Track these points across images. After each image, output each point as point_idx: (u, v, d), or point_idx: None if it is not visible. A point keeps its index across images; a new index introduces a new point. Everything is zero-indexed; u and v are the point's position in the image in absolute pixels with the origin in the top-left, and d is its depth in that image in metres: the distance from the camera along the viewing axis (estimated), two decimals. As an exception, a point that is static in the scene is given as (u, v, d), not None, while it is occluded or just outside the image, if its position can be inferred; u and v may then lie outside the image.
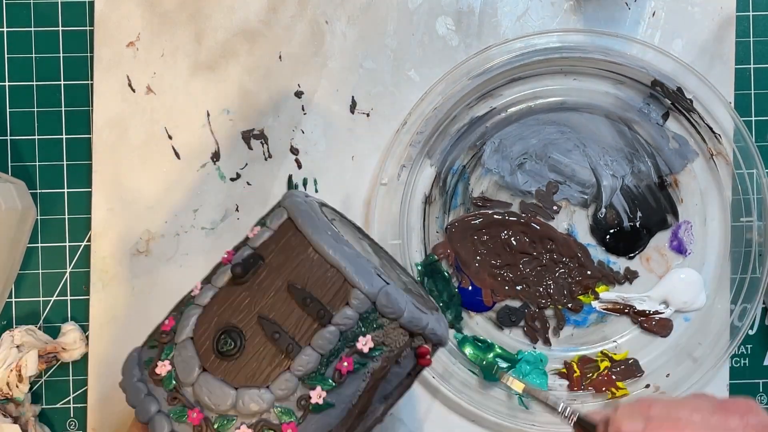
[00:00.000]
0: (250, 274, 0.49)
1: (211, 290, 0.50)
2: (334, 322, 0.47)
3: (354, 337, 0.47)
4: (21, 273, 0.66)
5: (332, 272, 0.48)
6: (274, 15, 0.66)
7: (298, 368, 0.46)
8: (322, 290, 0.48)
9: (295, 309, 0.48)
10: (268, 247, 0.50)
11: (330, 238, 0.49)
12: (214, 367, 0.47)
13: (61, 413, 0.66)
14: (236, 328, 0.48)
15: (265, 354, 0.47)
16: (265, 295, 0.48)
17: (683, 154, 0.66)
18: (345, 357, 0.47)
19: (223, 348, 0.47)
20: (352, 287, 0.47)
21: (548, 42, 0.65)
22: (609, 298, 0.66)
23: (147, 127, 0.65)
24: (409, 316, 0.48)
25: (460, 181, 0.66)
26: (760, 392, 0.67)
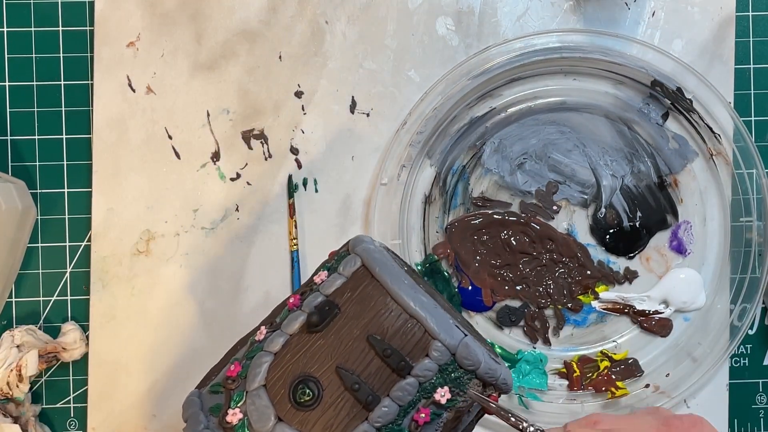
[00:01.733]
0: (325, 323, 0.48)
1: (282, 336, 0.49)
2: (413, 374, 0.47)
3: (432, 389, 0.47)
4: (21, 273, 0.66)
5: (412, 323, 0.47)
6: (274, 15, 0.66)
7: (377, 420, 0.46)
8: (401, 341, 0.47)
9: (373, 360, 0.47)
10: (342, 294, 0.49)
11: (408, 288, 0.48)
12: (289, 417, 0.47)
13: (61, 413, 0.66)
14: (313, 378, 0.47)
15: (343, 405, 0.47)
16: (342, 345, 0.48)
17: (683, 154, 0.66)
18: (422, 408, 0.47)
19: (300, 399, 0.47)
20: (433, 339, 0.47)
21: (548, 42, 0.65)
22: (609, 298, 0.66)
23: (147, 127, 0.65)
24: (485, 367, 0.48)
25: (460, 181, 0.66)
26: (760, 392, 0.67)
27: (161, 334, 0.65)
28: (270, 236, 0.65)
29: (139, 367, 0.65)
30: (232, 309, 0.65)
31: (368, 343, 0.47)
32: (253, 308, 0.65)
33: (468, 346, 0.47)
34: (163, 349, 0.65)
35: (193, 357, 0.65)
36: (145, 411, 0.65)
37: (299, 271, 0.65)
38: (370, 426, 0.46)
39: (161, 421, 0.65)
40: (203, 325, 0.65)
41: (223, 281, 0.65)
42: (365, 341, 0.47)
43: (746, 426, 0.67)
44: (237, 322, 0.65)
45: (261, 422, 0.46)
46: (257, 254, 0.65)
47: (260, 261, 0.65)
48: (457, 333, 0.47)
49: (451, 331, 0.47)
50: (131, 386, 0.65)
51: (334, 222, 0.66)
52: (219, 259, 0.65)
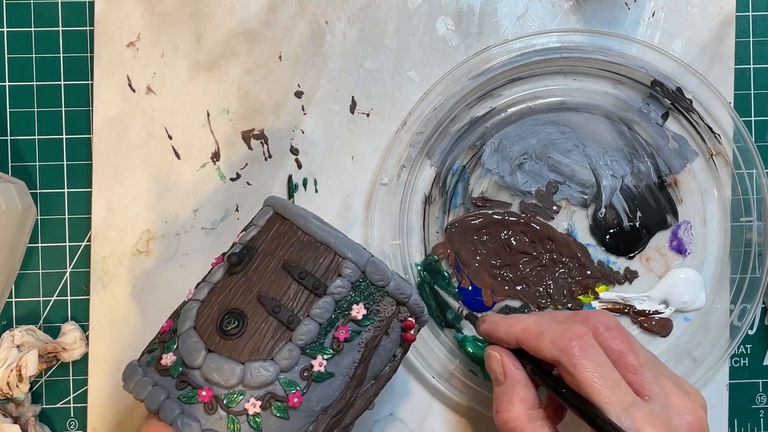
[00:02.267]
0: (244, 263, 0.52)
1: (207, 286, 0.53)
2: (329, 292, 0.50)
3: (348, 306, 0.51)
4: (21, 273, 0.66)
5: (323, 249, 0.51)
6: (274, 15, 0.66)
7: (300, 338, 0.49)
8: (314, 266, 0.51)
9: (291, 285, 0.50)
10: (258, 239, 0.53)
11: (316, 222, 0.53)
12: (219, 347, 0.49)
13: (61, 413, 0.66)
14: (237, 310, 0.50)
15: (267, 329, 0.49)
16: (261, 278, 0.51)
17: (683, 154, 0.66)
18: (341, 326, 0.50)
19: (226, 328, 0.50)
20: (343, 259, 0.51)
21: (548, 42, 0.65)
22: (609, 298, 0.66)
23: (147, 127, 0.65)
24: (395, 284, 0.52)
25: (460, 181, 0.66)
26: (760, 392, 0.68)
27: (161, 334, 0.65)
28: (270, 236, 0.65)
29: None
30: (232, 309, 0.65)
31: (284, 271, 0.51)
32: (253, 308, 0.65)
33: (375, 263, 0.51)
34: (163, 349, 0.65)
35: (193, 357, 0.65)
36: (145, 411, 0.65)
37: (299, 271, 0.65)
38: (293, 345, 0.49)
39: (161, 421, 0.65)
40: (203, 325, 0.65)
41: (223, 281, 0.65)
42: (282, 270, 0.51)
43: (746, 426, 0.67)
44: (237, 322, 0.65)
45: (192, 356, 0.49)
46: (257, 254, 0.65)
47: (260, 261, 0.65)
48: (364, 252, 0.52)
49: (359, 251, 0.52)
50: (131, 386, 0.65)
51: (334, 222, 0.66)
52: (219, 259, 0.65)
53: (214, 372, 0.48)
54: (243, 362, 0.48)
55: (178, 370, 0.50)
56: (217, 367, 0.48)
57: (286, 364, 0.49)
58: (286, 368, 0.49)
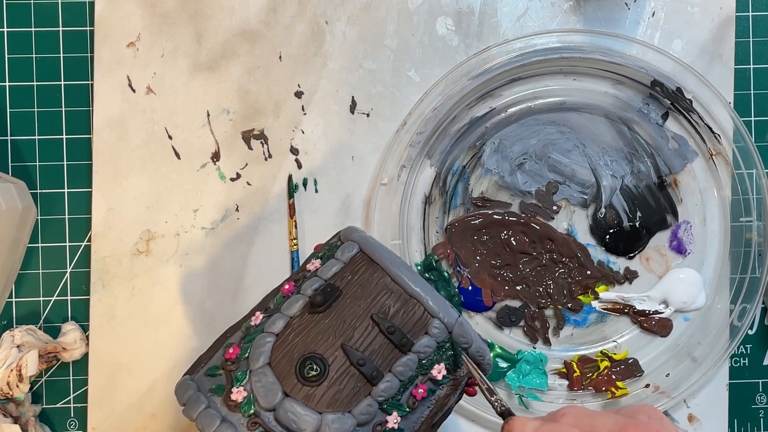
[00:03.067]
0: (328, 303, 0.50)
1: (283, 319, 0.51)
2: (414, 350, 0.49)
3: (430, 365, 0.50)
4: (21, 273, 0.66)
5: (412, 303, 0.50)
6: (274, 15, 0.66)
7: (381, 395, 0.48)
8: (402, 320, 0.50)
9: (377, 337, 0.49)
10: (341, 278, 0.51)
11: (407, 270, 0.51)
12: (296, 392, 0.48)
13: (61, 413, 0.66)
14: (319, 355, 0.48)
15: (348, 380, 0.48)
16: (346, 324, 0.49)
17: (683, 154, 0.66)
18: (420, 384, 0.49)
19: (308, 374, 0.48)
20: (432, 317, 0.50)
21: (548, 42, 0.65)
22: (609, 298, 0.66)
23: (147, 127, 0.65)
24: (476, 346, 0.51)
25: (460, 181, 0.66)
26: (760, 392, 0.68)
27: (161, 334, 0.65)
28: (270, 236, 0.65)
29: (139, 367, 0.65)
30: (232, 309, 0.65)
31: (372, 321, 0.49)
32: (253, 308, 0.65)
33: (463, 325, 0.50)
34: (163, 349, 0.65)
35: (193, 357, 0.65)
36: (145, 411, 0.65)
37: (299, 271, 0.65)
38: (373, 400, 0.48)
39: (161, 421, 0.65)
40: (203, 325, 0.65)
41: (223, 281, 0.65)
42: (369, 319, 0.49)
43: (746, 426, 0.67)
44: (237, 322, 0.65)
45: (268, 397, 0.48)
46: (257, 254, 0.65)
47: (260, 261, 0.65)
48: (453, 312, 0.50)
49: (448, 311, 0.50)
50: (131, 386, 0.65)
51: (334, 222, 0.66)
52: (219, 259, 0.65)
53: (291, 419, 0.47)
54: (320, 412, 0.47)
55: (250, 409, 0.48)
56: (294, 413, 0.47)
57: (362, 419, 0.48)
58: (362, 422, 0.48)
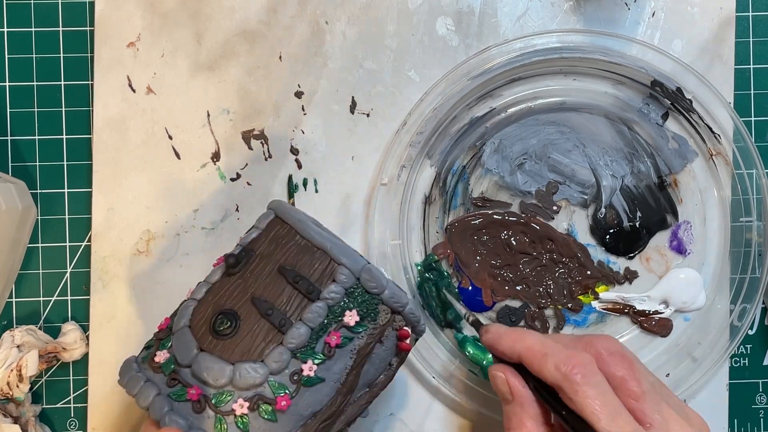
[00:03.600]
0: (242, 264, 0.52)
1: (205, 286, 0.53)
2: (322, 297, 0.50)
3: (341, 312, 0.50)
4: (21, 273, 0.66)
5: (319, 254, 0.51)
6: (274, 15, 0.66)
7: (291, 342, 0.49)
8: (310, 270, 0.51)
9: (285, 288, 0.51)
10: (257, 242, 0.53)
11: (314, 226, 0.53)
12: (211, 347, 0.50)
13: (61, 413, 0.66)
14: (231, 311, 0.50)
15: (259, 331, 0.50)
16: (257, 280, 0.51)
17: (683, 154, 0.66)
18: (333, 331, 0.50)
19: (219, 328, 0.50)
20: (338, 265, 0.51)
21: (548, 42, 0.65)
22: (609, 298, 0.66)
23: (147, 127, 0.65)
24: (390, 292, 0.52)
25: (460, 181, 0.66)
26: (760, 392, 0.68)
27: (161, 334, 0.65)
28: (270, 236, 0.65)
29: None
30: (232, 309, 0.65)
31: (280, 274, 0.51)
32: (253, 308, 0.65)
33: (371, 270, 0.51)
34: (163, 349, 0.65)
35: (193, 357, 0.65)
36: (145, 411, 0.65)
37: (299, 271, 0.65)
38: (284, 348, 0.49)
39: (161, 421, 0.65)
40: (203, 325, 0.65)
41: (223, 281, 0.65)
42: (278, 273, 0.51)
43: (746, 426, 0.67)
44: (237, 322, 0.65)
45: (184, 354, 0.50)
46: (257, 254, 0.65)
47: (260, 261, 0.65)
48: (360, 259, 0.51)
49: (354, 257, 0.51)
50: (131, 386, 0.65)
51: (334, 222, 0.66)
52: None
53: (204, 371, 0.49)
54: (233, 363, 0.49)
55: (170, 368, 0.50)
56: (208, 366, 0.49)
57: (275, 366, 0.49)
58: (275, 371, 0.49)
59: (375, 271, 0.52)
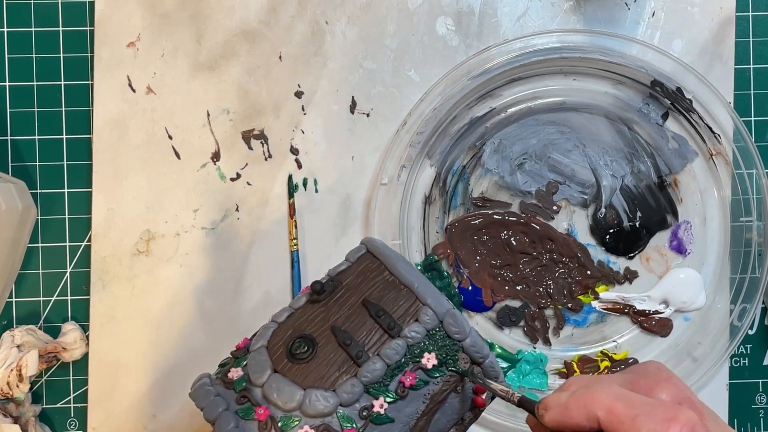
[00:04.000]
0: (327, 292, 0.51)
1: (288, 311, 0.52)
2: (402, 335, 0.49)
3: (420, 354, 0.49)
4: (21, 273, 0.66)
5: (405, 291, 0.50)
6: (274, 15, 0.66)
7: (365, 375, 0.48)
8: (393, 306, 0.50)
9: (367, 321, 0.50)
10: (346, 273, 0.53)
11: (405, 264, 0.52)
12: (285, 369, 0.49)
13: (61, 413, 0.66)
14: (309, 336, 0.50)
15: (335, 360, 0.49)
16: (340, 310, 0.50)
17: (683, 154, 0.66)
18: (409, 372, 0.49)
19: (296, 351, 0.49)
20: (423, 305, 0.50)
21: (548, 42, 0.65)
22: (609, 298, 0.66)
23: (147, 127, 0.65)
24: (472, 340, 0.50)
25: (460, 181, 0.66)
26: (760, 392, 0.68)
27: (161, 334, 0.65)
28: (270, 236, 0.65)
29: (139, 367, 0.65)
30: (232, 309, 0.65)
31: (363, 307, 0.50)
32: (253, 308, 0.65)
33: (455, 315, 0.50)
34: (163, 349, 0.65)
35: (193, 357, 0.65)
36: (145, 411, 0.65)
37: (299, 271, 0.65)
38: (358, 380, 0.48)
39: (161, 421, 0.65)
40: (203, 325, 0.65)
41: (223, 281, 0.65)
42: (361, 306, 0.50)
43: (746, 426, 0.67)
44: (237, 322, 0.65)
45: (258, 374, 0.49)
46: (257, 254, 0.65)
47: (260, 261, 0.65)
48: (445, 302, 0.50)
49: (440, 299, 0.50)
50: (131, 386, 0.65)
51: (334, 222, 0.66)
52: (219, 259, 0.65)
53: (275, 392, 0.48)
54: (305, 388, 0.48)
55: (241, 385, 0.49)
56: (279, 388, 0.48)
57: (346, 398, 0.48)
58: (346, 402, 0.48)
59: (459, 316, 0.50)
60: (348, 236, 0.65)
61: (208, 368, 0.60)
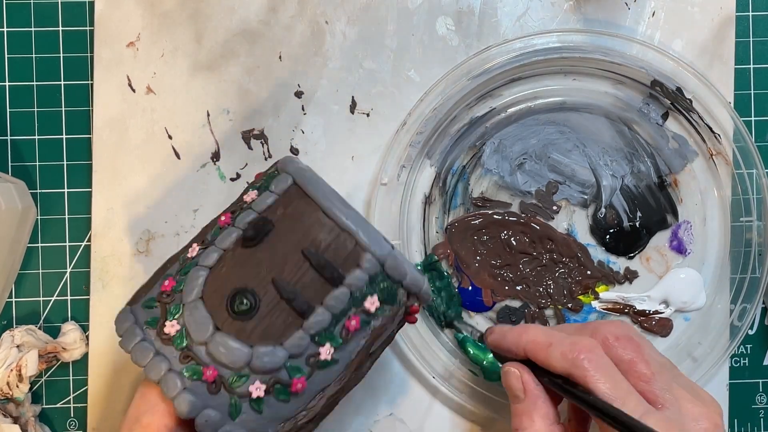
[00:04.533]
0: (260, 237, 0.50)
1: (217, 252, 0.51)
2: (345, 284, 0.49)
3: (362, 298, 0.50)
4: (21, 273, 0.66)
5: (344, 236, 0.50)
6: (274, 15, 0.66)
7: (312, 327, 0.48)
8: (333, 254, 0.49)
9: (308, 271, 0.49)
10: (274, 211, 0.51)
11: (340, 205, 0.51)
12: (227, 326, 0.48)
13: (61, 413, 0.66)
14: (250, 289, 0.49)
15: (279, 314, 0.49)
16: (277, 258, 0.50)
17: (683, 154, 0.66)
18: (353, 316, 0.49)
19: (238, 308, 0.48)
20: (363, 251, 0.49)
21: (548, 42, 0.65)
22: (609, 298, 0.66)
23: (147, 127, 0.65)
24: (411, 278, 0.51)
25: (460, 181, 0.66)
26: (760, 392, 0.68)
27: (161, 334, 0.65)
28: (270, 236, 0.65)
29: (139, 367, 0.65)
30: (232, 309, 0.65)
31: (303, 256, 0.49)
32: (253, 308, 0.65)
33: (396, 258, 0.50)
34: (163, 349, 0.65)
35: (193, 357, 0.65)
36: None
37: (299, 271, 0.65)
38: (305, 333, 0.48)
39: (161, 421, 0.65)
40: (203, 325, 0.65)
41: (223, 281, 0.65)
42: (300, 254, 0.49)
43: (746, 426, 0.67)
44: (237, 322, 0.65)
45: (199, 332, 0.48)
46: (257, 254, 0.65)
47: (260, 261, 0.65)
48: (385, 245, 0.50)
49: (381, 244, 0.50)
50: (131, 386, 0.65)
51: (334, 222, 0.66)
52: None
53: (222, 353, 0.47)
54: (252, 345, 0.48)
55: (182, 342, 0.48)
56: (226, 347, 0.48)
57: (295, 351, 0.48)
58: (294, 355, 0.48)
59: (399, 258, 0.50)
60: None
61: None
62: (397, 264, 0.50)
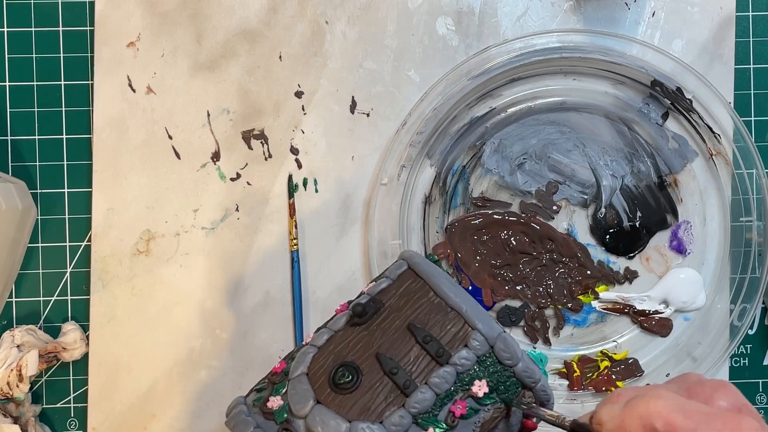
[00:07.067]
0: (369, 315, 0.49)
1: (327, 333, 0.50)
2: (451, 362, 0.47)
3: (470, 381, 0.47)
4: (21, 273, 0.66)
5: (452, 315, 0.48)
6: (274, 15, 0.66)
7: (414, 406, 0.46)
8: (441, 331, 0.48)
9: (413, 348, 0.47)
10: (387, 293, 0.50)
11: (449, 284, 0.49)
12: (328, 400, 0.47)
13: (61, 413, 0.66)
14: (353, 364, 0.47)
15: (381, 389, 0.47)
16: (383, 335, 0.48)
17: (683, 154, 0.66)
18: (459, 400, 0.47)
19: (339, 381, 0.47)
20: (472, 329, 0.47)
21: (548, 42, 0.65)
22: (609, 298, 0.66)
23: (147, 127, 0.65)
24: (524, 365, 0.48)
25: (460, 181, 0.66)
26: (760, 392, 0.67)
27: (161, 334, 0.65)
28: (270, 236, 0.65)
29: (139, 367, 0.65)
30: (232, 309, 0.65)
31: (409, 332, 0.48)
32: (253, 308, 0.65)
33: (506, 339, 0.47)
34: (163, 349, 0.65)
35: (193, 357, 0.65)
36: (145, 411, 0.65)
37: (299, 271, 0.65)
38: (406, 412, 0.46)
39: (161, 421, 0.65)
40: (203, 325, 0.65)
41: (223, 281, 0.65)
42: (406, 330, 0.48)
43: (746, 426, 0.67)
44: (237, 322, 0.65)
45: (300, 405, 0.47)
46: (257, 254, 0.65)
47: (260, 261, 0.65)
48: (495, 326, 0.48)
49: (490, 323, 0.48)
50: (131, 386, 0.65)
51: (334, 222, 0.66)
52: (219, 259, 0.65)
53: (319, 425, 0.46)
54: (350, 420, 0.46)
55: (282, 416, 0.47)
56: (323, 420, 0.46)
57: (394, 430, 0.46)
58: None
59: (510, 341, 0.48)
60: (348, 236, 0.65)
61: (207, 368, 0.60)
62: (508, 347, 0.47)
